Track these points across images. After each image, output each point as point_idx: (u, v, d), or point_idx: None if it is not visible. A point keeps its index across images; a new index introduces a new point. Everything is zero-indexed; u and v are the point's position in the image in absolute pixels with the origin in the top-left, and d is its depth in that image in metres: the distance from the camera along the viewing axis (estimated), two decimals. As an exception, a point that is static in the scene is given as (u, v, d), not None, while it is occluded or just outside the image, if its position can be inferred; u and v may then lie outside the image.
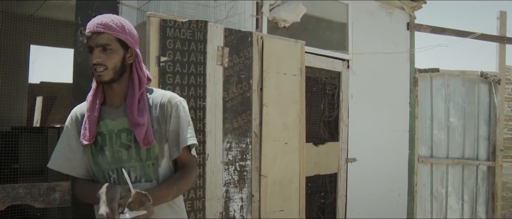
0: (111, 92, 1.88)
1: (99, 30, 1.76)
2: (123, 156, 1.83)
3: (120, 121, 1.86)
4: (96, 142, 1.85)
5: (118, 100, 1.90)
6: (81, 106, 1.96)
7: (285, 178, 3.52)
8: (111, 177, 1.84)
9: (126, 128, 1.84)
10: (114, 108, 1.89)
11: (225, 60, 3.16)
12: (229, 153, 3.17)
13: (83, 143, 1.83)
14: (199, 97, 3.01)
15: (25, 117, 6.30)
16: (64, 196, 3.03)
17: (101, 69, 1.78)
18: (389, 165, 5.36)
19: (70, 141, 1.90)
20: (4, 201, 2.81)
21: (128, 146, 1.84)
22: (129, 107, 1.84)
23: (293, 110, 3.59)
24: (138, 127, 1.81)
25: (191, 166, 1.93)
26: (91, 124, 1.83)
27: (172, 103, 1.90)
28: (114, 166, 1.84)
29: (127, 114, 1.84)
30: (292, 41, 3.63)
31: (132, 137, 1.83)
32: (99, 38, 1.77)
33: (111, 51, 1.79)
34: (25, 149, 4.53)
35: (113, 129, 1.86)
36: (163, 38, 2.87)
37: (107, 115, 1.88)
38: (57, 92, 6.65)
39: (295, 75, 3.61)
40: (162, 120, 1.89)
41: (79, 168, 1.90)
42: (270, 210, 3.41)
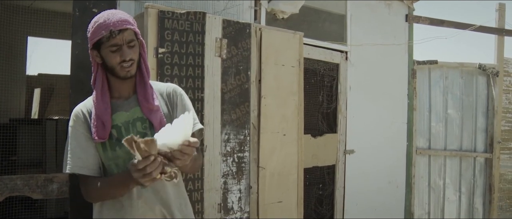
0: (121, 85, 1.90)
1: (125, 27, 1.78)
2: None
3: (133, 111, 1.90)
4: (111, 136, 1.85)
5: (127, 92, 1.93)
6: (84, 104, 1.94)
7: (283, 169, 3.52)
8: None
9: (140, 116, 1.88)
10: (125, 100, 1.92)
11: (224, 52, 3.15)
12: (228, 145, 3.17)
13: (96, 140, 1.83)
14: (198, 89, 3.01)
15: (23, 108, 6.30)
16: (61, 187, 3.03)
17: (130, 64, 1.82)
18: (387, 156, 5.38)
19: (79, 140, 1.87)
20: (2, 193, 2.81)
21: (144, 133, 1.86)
22: (143, 96, 1.88)
23: (291, 102, 3.59)
24: (153, 112, 1.86)
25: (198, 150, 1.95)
26: (106, 120, 1.84)
27: (177, 93, 1.98)
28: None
29: (141, 102, 1.88)
30: (291, 33, 3.62)
31: (147, 124, 1.87)
32: (126, 34, 1.79)
33: (135, 45, 1.84)
34: (23, 140, 4.54)
35: (128, 120, 1.89)
36: (161, 30, 2.86)
37: (118, 107, 1.90)
38: (55, 84, 6.65)
39: (294, 66, 3.61)
40: (170, 107, 1.95)
41: (92, 166, 1.88)
42: (268, 202, 3.42)
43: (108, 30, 1.76)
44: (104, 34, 1.77)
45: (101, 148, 1.86)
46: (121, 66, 1.81)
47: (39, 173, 3.01)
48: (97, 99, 1.86)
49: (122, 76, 1.85)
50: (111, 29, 1.77)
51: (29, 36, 6.31)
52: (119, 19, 1.78)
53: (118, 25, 1.77)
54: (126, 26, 1.79)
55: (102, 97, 1.87)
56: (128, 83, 1.91)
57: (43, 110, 6.52)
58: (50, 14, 5.21)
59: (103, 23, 1.78)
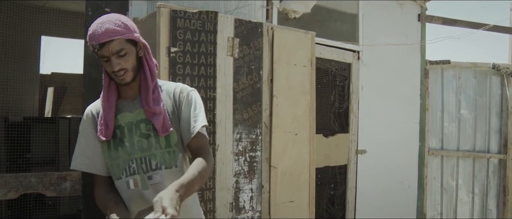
0: (126, 87, 1.91)
1: (109, 39, 1.75)
2: (144, 145, 1.87)
3: (137, 112, 1.91)
4: (115, 135, 1.88)
5: (133, 93, 1.93)
6: (95, 104, 1.98)
7: (295, 169, 3.52)
8: (131, 167, 1.87)
9: (144, 118, 1.89)
10: (130, 101, 1.93)
11: (235, 51, 3.15)
12: (239, 144, 3.17)
13: (101, 139, 1.87)
14: (210, 88, 3.01)
15: (36, 107, 6.35)
16: (74, 185, 3.06)
17: (122, 73, 1.81)
18: (399, 157, 5.34)
19: (88, 140, 1.93)
20: (17, 190, 2.84)
21: (148, 135, 1.88)
22: (145, 98, 1.88)
23: (303, 101, 3.58)
24: (155, 116, 1.86)
25: (207, 150, 1.95)
26: (109, 119, 1.86)
27: (184, 93, 1.96)
28: (134, 156, 1.87)
29: (143, 105, 1.88)
30: (303, 32, 3.61)
31: (151, 126, 1.88)
32: (112, 45, 1.76)
33: (126, 53, 1.80)
34: (37, 139, 4.58)
35: (132, 121, 1.90)
36: (173, 29, 2.87)
37: (124, 108, 1.92)
38: (68, 83, 6.70)
39: (305, 66, 3.60)
40: (176, 108, 1.94)
41: (99, 165, 1.93)
42: (279, 201, 3.41)
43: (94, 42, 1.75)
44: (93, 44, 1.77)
45: (106, 147, 1.89)
46: (115, 75, 1.82)
47: (52, 171, 3.03)
48: (103, 100, 1.89)
49: (118, 83, 1.86)
50: (92, 44, 1.76)
51: (42, 36, 6.36)
52: (104, 32, 1.74)
53: (102, 38, 1.74)
54: (111, 37, 1.75)
55: (107, 98, 1.89)
56: (131, 86, 1.91)
57: (56, 109, 6.58)
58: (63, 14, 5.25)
59: (90, 36, 1.78)
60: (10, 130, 4.14)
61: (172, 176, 1.86)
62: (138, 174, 1.86)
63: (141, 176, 1.86)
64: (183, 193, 1.68)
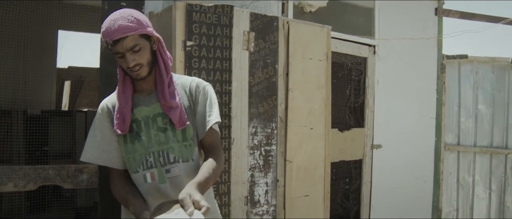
0: (141, 81, 1.92)
1: (123, 35, 1.76)
2: (161, 139, 1.89)
3: (154, 106, 1.92)
4: (131, 129, 1.90)
5: (149, 87, 1.95)
6: (110, 98, 1.99)
7: (310, 163, 3.51)
8: (148, 161, 1.89)
9: (161, 112, 1.90)
10: (147, 95, 1.94)
11: (251, 45, 3.15)
12: (255, 138, 3.17)
13: (118, 133, 1.88)
14: (225, 82, 3.02)
15: (54, 100, 6.43)
16: (91, 178, 3.09)
17: (138, 69, 1.83)
18: (415, 152, 5.30)
19: (104, 133, 1.94)
20: (35, 181, 2.88)
21: (165, 128, 1.89)
22: (161, 93, 1.90)
23: (318, 95, 3.57)
24: (171, 109, 1.87)
25: (219, 147, 1.99)
26: (126, 113, 1.88)
27: (200, 88, 1.97)
28: (152, 150, 1.88)
29: (159, 99, 1.90)
30: (318, 26, 3.59)
31: (168, 120, 1.89)
32: (126, 42, 1.77)
33: (141, 48, 1.82)
34: (54, 132, 4.64)
35: (149, 115, 1.91)
36: (189, 23, 2.88)
37: (140, 102, 1.93)
38: (84, 77, 6.78)
39: (321, 60, 3.59)
40: (192, 103, 1.95)
41: (115, 159, 1.95)
42: (295, 195, 3.41)
43: (108, 38, 1.77)
44: (107, 41, 1.78)
45: (122, 141, 1.91)
46: (130, 71, 1.83)
47: (69, 163, 3.06)
48: (119, 94, 1.90)
49: (134, 78, 1.88)
50: (106, 40, 1.77)
51: (59, 30, 6.42)
52: (117, 29, 1.75)
53: (116, 35, 1.75)
54: (125, 34, 1.76)
55: (123, 92, 1.90)
56: (147, 80, 1.92)
57: (73, 102, 6.65)
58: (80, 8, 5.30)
59: (104, 32, 1.79)
60: (28, 123, 4.20)
61: (189, 170, 1.88)
62: (156, 168, 1.88)
63: (159, 170, 1.88)
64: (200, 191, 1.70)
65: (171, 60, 2.00)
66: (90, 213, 4.32)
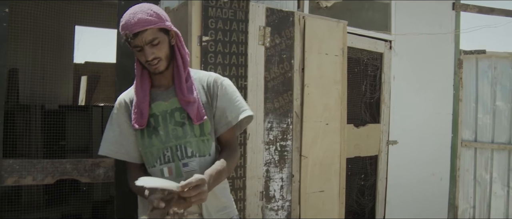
0: (159, 78, 1.94)
1: (142, 28, 1.77)
2: (179, 133, 1.90)
3: (172, 101, 1.93)
4: (149, 124, 1.91)
5: (166, 82, 1.95)
6: (128, 93, 2.01)
7: (325, 159, 3.51)
8: (166, 156, 1.90)
9: (179, 107, 1.91)
10: (164, 90, 1.95)
11: (267, 40, 3.15)
12: (270, 133, 3.17)
13: (136, 127, 1.89)
14: (241, 77, 3.02)
15: (71, 95, 6.49)
16: (108, 172, 3.12)
17: (156, 62, 1.83)
18: (431, 148, 5.26)
19: (121, 127, 1.95)
20: (53, 175, 2.92)
21: (183, 123, 1.90)
22: (178, 88, 1.90)
23: (334, 91, 3.55)
24: (189, 104, 1.88)
25: (235, 143, 2.01)
26: (144, 108, 1.88)
27: (218, 83, 1.98)
28: (169, 145, 1.89)
29: (177, 93, 1.90)
30: (334, 21, 3.58)
31: (185, 114, 1.90)
32: (145, 35, 1.78)
33: (159, 42, 1.82)
34: (71, 126, 4.68)
35: (167, 109, 1.92)
36: (205, 18, 2.88)
37: (158, 97, 1.94)
38: (101, 72, 6.82)
39: (337, 55, 3.57)
40: (210, 98, 1.96)
41: (133, 153, 1.96)
42: (310, 191, 3.41)
43: (128, 32, 1.78)
44: (126, 34, 1.79)
45: (140, 135, 1.91)
46: (148, 64, 1.84)
47: (86, 158, 3.10)
48: (137, 89, 1.91)
49: (152, 72, 1.89)
50: (126, 33, 1.78)
51: (76, 25, 6.48)
52: (137, 22, 1.76)
53: (135, 28, 1.76)
54: (144, 27, 1.77)
55: (141, 87, 1.91)
56: (165, 75, 1.93)
57: (89, 97, 6.71)
58: (97, 4, 5.34)
59: (123, 26, 1.80)
60: (46, 118, 4.25)
61: (206, 164, 1.89)
62: (173, 162, 1.89)
63: (176, 164, 1.89)
64: (211, 184, 1.73)
65: (188, 55, 2.01)
66: (107, 207, 4.35)
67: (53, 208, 4.20)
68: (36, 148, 4.24)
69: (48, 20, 4.59)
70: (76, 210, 4.45)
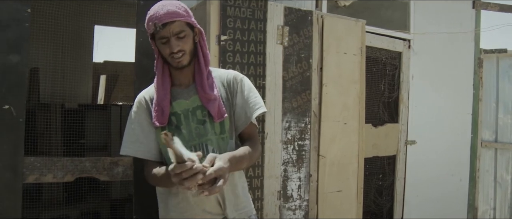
0: (180, 73, 1.95)
1: (171, 19, 1.80)
2: (201, 131, 1.91)
3: (193, 99, 1.94)
4: (170, 122, 1.91)
5: (187, 80, 1.97)
6: (148, 91, 2.02)
7: (343, 158, 3.49)
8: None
9: (200, 105, 1.92)
10: (185, 88, 1.96)
11: (285, 39, 3.14)
12: (288, 132, 3.17)
13: (157, 125, 1.90)
14: (259, 76, 3.02)
15: (90, 94, 6.56)
16: (126, 170, 3.14)
17: (180, 55, 1.85)
18: (450, 148, 5.20)
19: (142, 125, 1.96)
20: (73, 173, 2.95)
21: (204, 121, 1.91)
22: (200, 85, 1.92)
23: (352, 90, 3.53)
24: (210, 102, 1.89)
25: (257, 138, 2.03)
26: (165, 106, 1.89)
27: (238, 80, 2.00)
28: (192, 143, 1.90)
29: (199, 91, 1.92)
30: (353, 20, 3.56)
31: (206, 112, 1.91)
32: (173, 26, 1.81)
33: (185, 36, 1.85)
34: (90, 125, 4.73)
35: (188, 108, 1.93)
36: (223, 17, 2.89)
37: (179, 95, 1.95)
38: (119, 71, 6.87)
39: (355, 55, 3.55)
40: (230, 95, 1.98)
41: (153, 151, 1.96)
42: (327, 190, 3.40)
43: (156, 23, 1.80)
44: (152, 28, 1.82)
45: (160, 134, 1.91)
46: (172, 57, 1.85)
47: (105, 156, 3.13)
48: (158, 86, 1.92)
49: (174, 67, 1.89)
50: (155, 23, 1.80)
51: (95, 25, 6.54)
52: (166, 12, 1.80)
53: (164, 19, 1.79)
54: (173, 18, 1.80)
55: (162, 85, 1.92)
56: (186, 72, 1.94)
57: (108, 96, 6.76)
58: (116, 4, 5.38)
59: (152, 16, 1.83)
60: (66, 116, 4.29)
61: None
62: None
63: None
64: (232, 165, 1.73)
65: (209, 55, 2.02)
66: (125, 205, 4.39)
67: (72, 205, 4.25)
68: (56, 146, 4.29)
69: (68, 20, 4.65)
70: (95, 208, 4.49)
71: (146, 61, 3.06)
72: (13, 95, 2.57)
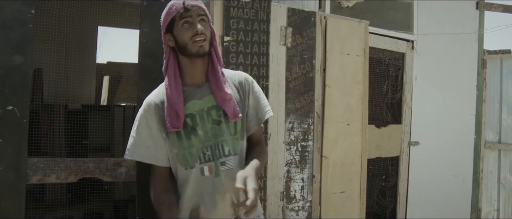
0: (194, 72, 1.92)
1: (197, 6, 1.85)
2: (216, 132, 1.89)
3: (207, 99, 1.92)
4: (186, 124, 1.88)
5: (200, 80, 1.94)
6: (157, 94, 1.95)
7: (346, 159, 3.49)
8: (206, 155, 1.89)
9: (214, 105, 1.91)
10: (198, 88, 1.93)
11: (288, 40, 3.14)
12: (291, 133, 3.17)
13: (172, 130, 1.85)
14: (262, 77, 3.02)
15: (93, 95, 6.56)
16: (129, 171, 3.14)
17: (203, 39, 1.84)
18: (454, 149, 5.18)
19: (151, 130, 1.91)
20: (76, 174, 2.95)
21: (219, 121, 1.90)
22: (215, 84, 1.90)
23: (356, 91, 3.53)
24: (226, 101, 1.89)
25: (264, 142, 2.06)
26: (179, 109, 1.85)
27: (249, 81, 2.01)
28: (209, 143, 1.89)
29: (214, 91, 1.90)
30: (356, 21, 3.56)
31: (222, 112, 1.90)
32: (198, 10, 1.85)
33: (207, 23, 1.89)
34: (94, 126, 4.73)
35: (203, 108, 1.91)
36: (226, 18, 2.89)
37: (192, 95, 1.92)
38: (123, 72, 6.87)
39: (359, 56, 3.55)
40: (242, 96, 1.98)
41: (160, 156, 1.92)
42: (330, 191, 3.40)
43: (181, 5, 1.83)
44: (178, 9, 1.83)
45: (176, 137, 1.88)
46: (193, 41, 1.83)
47: (108, 157, 3.12)
48: (170, 87, 1.87)
49: (195, 53, 1.85)
50: (183, 2, 1.83)
51: (99, 26, 6.55)
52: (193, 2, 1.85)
53: (191, 4, 1.83)
54: (198, 5, 1.85)
55: (175, 86, 1.87)
56: (200, 69, 1.92)
57: (111, 97, 6.77)
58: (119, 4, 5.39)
59: (175, 3, 1.85)
60: (69, 117, 4.30)
61: (238, 163, 1.91)
62: (213, 161, 1.88)
63: (215, 163, 1.88)
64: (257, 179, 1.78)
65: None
66: (128, 206, 4.39)
67: (75, 206, 4.25)
68: (60, 147, 4.29)
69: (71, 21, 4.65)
70: (98, 209, 4.49)
71: (149, 62, 3.06)
72: (17, 96, 2.57)
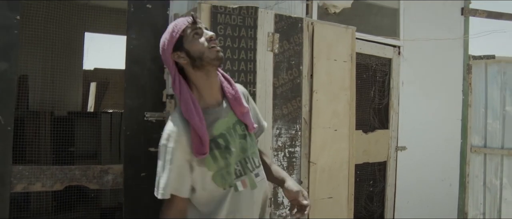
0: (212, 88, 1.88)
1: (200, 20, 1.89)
2: (245, 145, 1.89)
3: (230, 116, 1.90)
4: (218, 146, 1.82)
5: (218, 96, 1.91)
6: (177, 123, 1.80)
7: (334, 165, 3.49)
8: (237, 170, 1.87)
9: (237, 120, 1.91)
10: (217, 107, 1.89)
11: (276, 46, 3.15)
12: (279, 139, 3.17)
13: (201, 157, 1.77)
14: (250, 84, 3.02)
15: (80, 102, 6.53)
16: (116, 178, 3.13)
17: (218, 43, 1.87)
18: (440, 154, 5.23)
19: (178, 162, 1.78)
20: (62, 182, 2.93)
21: (244, 135, 1.90)
22: (234, 98, 1.90)
23: (343, 97, 3.54)
24: (244, 114, 1.92)
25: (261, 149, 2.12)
26: (203, 134, 1.75)
27: (246, 93, 2.06)
28: (238, 159, 1.87)
29: (234, 105, 1.90)
30: (343, 27, 3.57)
31: (244, 126, 1.92)
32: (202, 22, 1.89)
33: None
34: (80, 133, 4.71)
35: (229, 125, 1.88)
36: (214, 25, 2.89)
37: (216, 115, 1.86)
38: (110, 78, 6.85)
39: (346, 61, 3.56)
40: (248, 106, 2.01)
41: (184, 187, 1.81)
42: (318, 197, 3.40)
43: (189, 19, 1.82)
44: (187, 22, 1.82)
45: (211, 161, 1.80)
46: (210, 47, 1.81)
47: (94, 164, 3.11)
48: (191, 113, 1.77)
49: (214, 58, 1.81)
50: (192, 14, 1.83)
51: (86, 32, 6.52)
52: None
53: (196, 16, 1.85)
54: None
55: (196, 110, 1.78)
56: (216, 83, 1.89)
57: (98, 104, 6.73)
58: (106, 11, 5.38)
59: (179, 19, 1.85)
60: (55, 124, 4.27)
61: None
62: (246, 175, 1.87)
63: (249, 176, 1.88)
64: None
65: None
66: (115, 213, 4.36)
67: (61, 214, 4.22)
68: (45, 154, 4.26)
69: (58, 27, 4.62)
70: (85, 217, 4.46)
71: (137, 68, 3.05)
72: (2, 103, 2.55)
